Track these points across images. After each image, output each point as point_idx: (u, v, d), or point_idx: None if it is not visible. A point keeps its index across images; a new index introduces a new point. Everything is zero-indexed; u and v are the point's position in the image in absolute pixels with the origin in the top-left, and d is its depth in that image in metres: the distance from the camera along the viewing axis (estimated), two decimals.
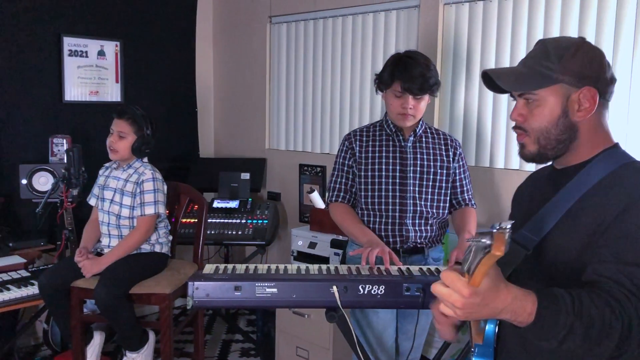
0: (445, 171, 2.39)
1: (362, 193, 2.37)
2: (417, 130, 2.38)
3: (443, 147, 2.41)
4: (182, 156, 4.40)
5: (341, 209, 2.42)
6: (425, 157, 2.36)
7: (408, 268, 2.13)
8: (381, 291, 1.94)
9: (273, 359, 3.33)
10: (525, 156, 1.38)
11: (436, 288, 1.08)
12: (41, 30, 3.63)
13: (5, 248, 3.06)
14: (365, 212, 2.37)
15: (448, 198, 2.42)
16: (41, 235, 3.31)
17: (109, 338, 3.13)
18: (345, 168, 2.41)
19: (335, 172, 2.45)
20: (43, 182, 3.34)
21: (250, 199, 3.95)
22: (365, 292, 1.94)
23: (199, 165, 4.42)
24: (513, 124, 1.37)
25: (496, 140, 3.07)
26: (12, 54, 3.52)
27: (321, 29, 3.84)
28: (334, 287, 1.92)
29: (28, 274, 2.92)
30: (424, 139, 2.39)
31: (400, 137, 2.37)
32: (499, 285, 1.06)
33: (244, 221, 3.79)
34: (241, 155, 4.47)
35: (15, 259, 2.99)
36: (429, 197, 2.36)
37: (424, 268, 2.14)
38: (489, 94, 3.06)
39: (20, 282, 2.84)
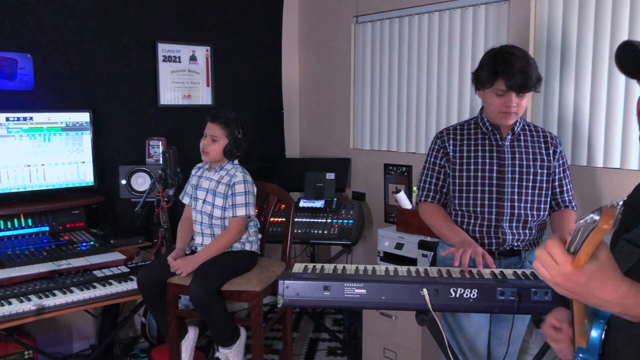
0: (545, 171, 2.27)
1: (457, 194, 2.30)
2: (515, 128, 2.27)
3: (543, 145, 2.29)
4: (268, 156, 4.49)
5: (431, 208, 2.36)
6: (524, 156, 2.25)
7: (502, 271, 2.05)
8: (474, 295, 1.88)
9: (360, 359, 3.33)
10: None
11: (539, 254, 1.01)
12: (138, 38, 3.82)
13: (107, 245, 3.24)
14: (460, 213, 2.30)
15: (548, 199, 2.30)
16: (139, 233, 3.47)
17: (201, 333, 3.25)
18: (437, 168, 2.35)
19: (426, 172, 2.39)
20: (141, 182, 3.52)
21: (335, 199, 3.97)
22: (457, 296, 1.89)
23: (285, 166, 4.50)
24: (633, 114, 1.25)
25: (595, 137, 2.90)
26: (111, 61, 3.73)
27: (407, 27, 3.79)
28: (425, 290, 1.89)
29: (127, 270, 3.07)
30: (522, 137, 2.28)
31: (497, 136, 2.27)
32: (609, 273, 0.98)
33: (329, 221, 3.82)
34: (326, 155, 4.50)
35: (116, 256, 3.15)
36: (529, 198, 2.25)
37: (519, 271, 2.05)
38: (586, 88, 2.90)
39: (121, 278, 2.99)
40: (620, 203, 0.90)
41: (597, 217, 0.91)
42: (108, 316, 3.55)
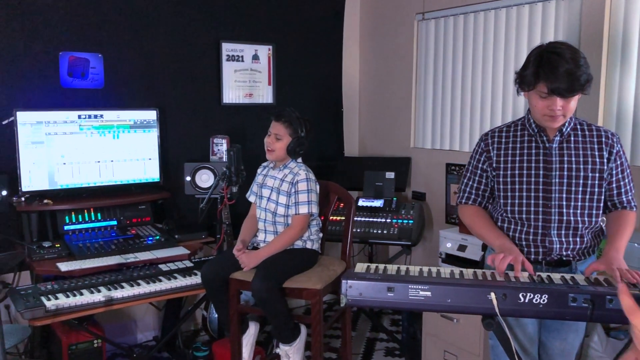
0: (597, 174, 2.09)
1: (501, 200, 2.18)
2: (564, 129, 2.11)
3: (596, 146, 2.11)
4: (328, 155, 4.50)
5: (471, 210, 2.27)
6: (573, 159, 2.10)
7: (573, 277, 1.97)
8: (544, 300, 1.82)
9: None
10: None
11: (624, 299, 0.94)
12: (203, 38, 3.91)
13: (172, 239, 3.33)
14: (506, 219, 2.19)
15: (601, 205, 2.13)
16: (202, 228, 3.55)
17: (260, 329, 3.29)
18: (479, 171, 2.24)
19: (468, 175, 2.29)
20: (205, 179, 3.59)
21: (395, 199, 3.93)
22: (526, 301, 1.83)
23: (344, 164, 4.49)
24: None
25: None
26: (177, 60, 3.83)
27: (472, 24, 3.71)
28: (492, 294, 1.84)
29: (191, 265, 3.14)
30: (572, 138, 2.12)
31: (544, 138, 2.12)
32: None
33: (389, 220, 3.79)
34: (385, 154, 4.46)
35: (181, 250, 3.23)
36: (579, 204, 2.09)
37: (591, 277, 1.97)
38: None
39: (185, 272, 3.07)
40: None
41: None
42: (171, 309, 3.65)
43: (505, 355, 2.15)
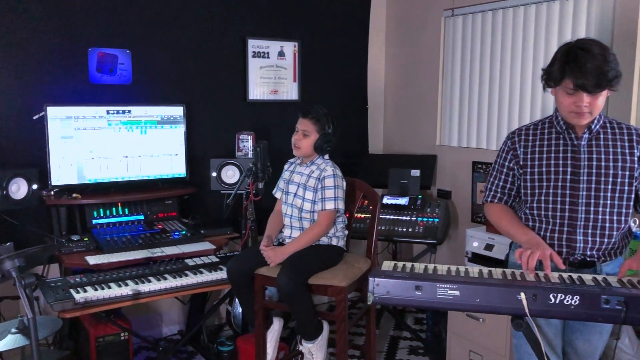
0: (627, 172, 2.05)
1: (528, 197, 2.16)
2: (593, 126, 2.07)
3: (627, 144, 2.07)
4: (352, 152, 4.48)
5: (498, 208, 2.25)
6: (602, 156, 2.06)
7: (605, 278, 1.94)
8: (575, 302, 1.80)
9: None
10: None
11: None
12: (229, 34, 3.92)
13: (198, 234, 3.35)
14: (530, 217, 2.16)
15: (631, 204, 2.09)
16: (227, 224, 3.57)
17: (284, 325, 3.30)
18: (505, 170, 2.22)
19: (494, 173, 2.27)
20: (230, 175, 3.61)
21: (420, 196, 3.91)
22: (557, 302, 1.81)
23: (368, 161, 4.48)
24: None
25: None
26: (203, 57, 3.84)
27: (500, 20, 3.66)
28: (522, 294, 1.82)
29: (217, 260, 3.16)
30: (601, 136, 2.08)
31: (573, 135, 2.09)
32: None
33: (414, 219, 3.76)
34: (410, 151, 4.44)
35: (207, 245, 3.25)
36: (607, 202, 2.06)
37: (625, 279, 1.93)
38: None
39: (211, 267, 3.09)
40: None
41: None
42: (196, 303, 3.68)
43: (529, 356, 2.13)
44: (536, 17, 3.44)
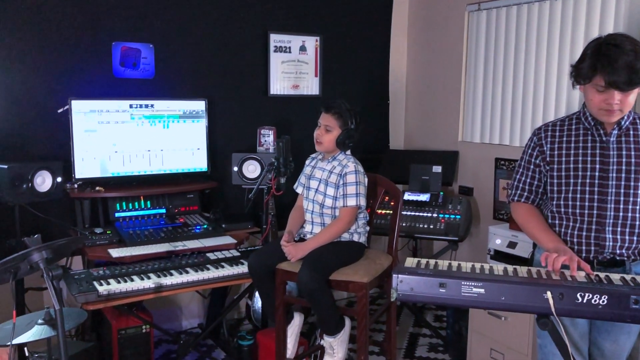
0: None
1: (555, 195, 2.12)
2: (623, 122, 2.03)
3: None
4: (373, 148, 4.46)
5: (524, 209, 2.22)
6: (632, 153, 2.02)
7: (634, 277, 1.90)
8: (603, 301, 1.77)
9: (464, 358, 3.25)
10: None
11: None
12: (251, 29, 3.92)
13: (219, 229, 3.36)
14: (557, 216, 2.13)
15: None
16: (248, 218, 3.58)
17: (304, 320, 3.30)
18: (532, 167, 2.18)
19: (520, 170, 2.23)
20: (252, 169, 3.61)
21: (441, 193, 3.88)
22: (584, 301, 1.78)
23: (389, 157, 4.45)
24: None
25: None
26: (225, 51, 3.85)
27: (525, 15, 3.61)
28: (549, 293, 1.79)
29: (238, 254, 3.17)
30: (631, 132, 2.04)
31: (601, 131, 2.05)
32: None
33: (435, 215, 3.74)
34: (432, 147, 4.40)
35: (228, 239, 3.26)
36: (638, 199, 2.02)
37: None
38: None
39: (232, 261, 3.09)
40: None
41: None
42: (216, 297, 3.69)
43: (554, 356, 2.10)
44: (562, 11, 3.38)
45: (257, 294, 3.55)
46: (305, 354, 3.18)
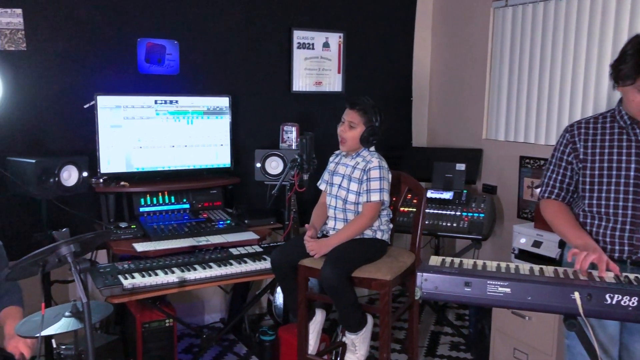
0: None
1: (587, 194, 2.10)
2: None
3: None
4: (395, 145, 4.44)
5: (554, 206, 2.18)
6: None
7: None
8: (633, 303, 1.73)
9: (486, 357, 3.22)
10: None
11: None
12: (274, 25, 3.92)
13: (242, 224, 3.38)
14: (589, 215, 2.10)
15: None
16: (271, 214, 3.59)
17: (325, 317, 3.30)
18: (563, 164, 2.16)
19: (551, 167, 2.20)
20: (274, 166, 3.62)
21: (465, 191, 3.84)
22: (614, 302, 1.74)
23: (412, 154, 4.43)
24: None
25: None
26: (249, 48, 3.86)
27: (552, 11, 3.56)
28: (576, 293, 1.76)
29: (261, 250, 3.18)
30: None
31: (637, 130, 2.02)
32: None
33: (458, 213, 3.71)
34: (456, 145, 4.37)
35: (250, 235, 3.28)
36: None
37: None
38: None
39: (255, 257, 3.11)
40: None
41: None
42: (238, 292, 3.72)
43: (583, 357, 2.07)
44: (591, 8, 3.32)
45: (279, 289, 3.56)
46: (326, 350, 3.18)
